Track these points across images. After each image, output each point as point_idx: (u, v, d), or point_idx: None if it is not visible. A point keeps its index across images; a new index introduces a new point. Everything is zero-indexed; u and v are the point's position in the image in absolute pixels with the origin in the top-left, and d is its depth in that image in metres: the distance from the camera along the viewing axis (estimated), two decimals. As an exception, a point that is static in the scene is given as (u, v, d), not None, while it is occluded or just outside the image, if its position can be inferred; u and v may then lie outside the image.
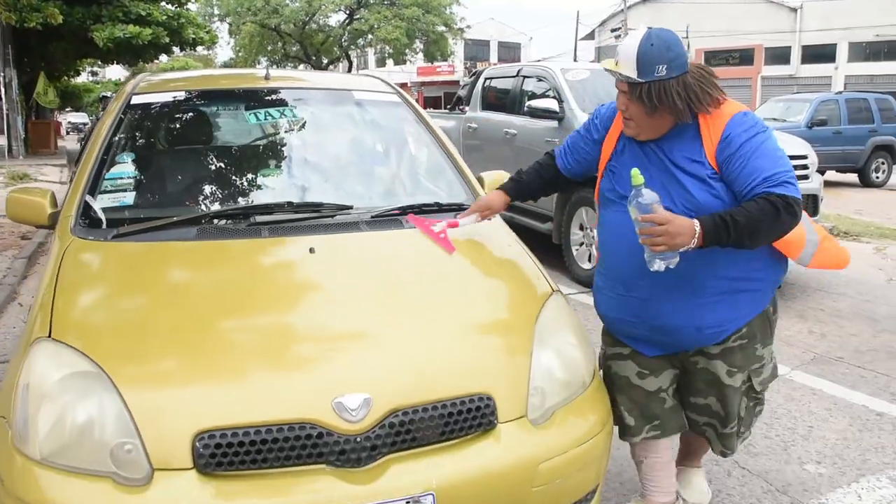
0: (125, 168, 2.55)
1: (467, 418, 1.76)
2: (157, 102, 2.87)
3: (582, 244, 5.87)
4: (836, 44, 28.38)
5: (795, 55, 29.47)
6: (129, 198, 2.46)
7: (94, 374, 1.65)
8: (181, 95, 2.92)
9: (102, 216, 2.34)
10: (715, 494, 2.66)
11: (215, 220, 2.35)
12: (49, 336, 1.76)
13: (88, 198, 2.41)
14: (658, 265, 1.85)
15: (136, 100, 2.81)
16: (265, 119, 2.90)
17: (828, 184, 13.52)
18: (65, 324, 1.81)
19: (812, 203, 5.40)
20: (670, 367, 2.17)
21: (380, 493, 1.61)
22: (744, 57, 30.62)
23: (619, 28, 34.52)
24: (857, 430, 3.25)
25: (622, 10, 34.57)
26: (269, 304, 1.98)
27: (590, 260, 5.76)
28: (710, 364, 2.10)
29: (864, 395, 3.65)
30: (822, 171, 13.62)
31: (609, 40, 36.91)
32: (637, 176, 1.83)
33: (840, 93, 15.01)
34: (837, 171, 14.05)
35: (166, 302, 1.95)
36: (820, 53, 28.59)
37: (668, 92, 1.88)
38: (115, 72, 55.33)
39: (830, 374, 3.91)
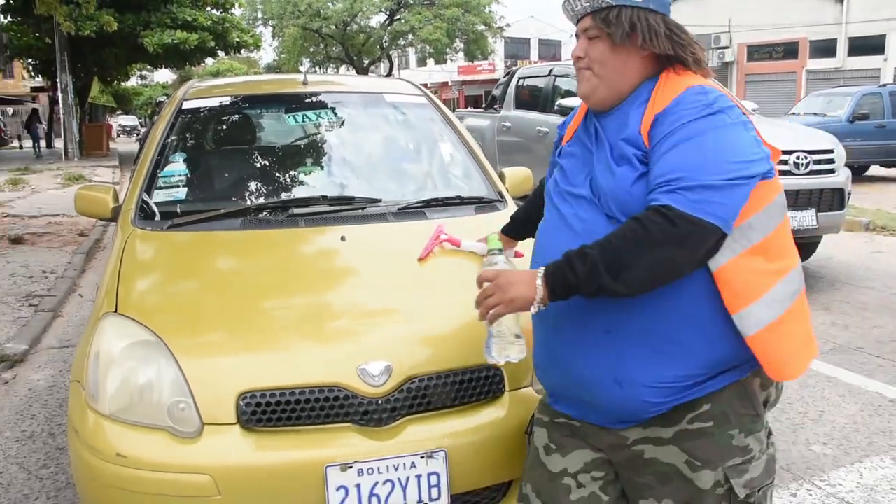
0: (178, 166, 2.84)
1: (477, 386, 1.98)
2: (206, 107, 3.16)
3: (611, 239, 6.02)
4: (884, 34, 27.71)
5: (842, 47, 28.84)
6: (181, 193, 2.75)
7: (153, 343, 1.92)
8: (227, 100, 3.21)
9: (158, 209, 2.62)
10: (719, 468, 2.84)
11: (258, 212, 2.61)
12: (115, 311, 2.04)
13: (145, 195, 2.70)
14: (496, 350, 1.52)
15: (186, 105, 3.10)
16: (303, 121, 3.17)
17: (871, 178, 13.41)
18: (128, 301, 2.08)
19: (839, 198, 5.47)
20: (588, 446, 1.55)
21: (397, 448, 1.83)
22: (788, 51, 30.08)
23: (661, 24, 34.21)
24: (868, 414, 3.37)
25: (663, 5, 34.24)
26: (304, 284, 2.23)
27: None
28: (661, 451, 1.46)
29: (880, 382, 3.76)
30: (865, 167, 13.59)
31: (650, 36, 36.60)
32: (493, 241, 1.55)
33: (884, 85, 14.74)
34: (882, 165, 13.85)
35: (215, 282, 2.23)
36: (867, 45, 27.95)
37: (645, 20, 1.47)
38: (163, 75, 56.74)
39: (848, 363, 4.02)
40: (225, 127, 3.30)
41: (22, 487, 2.78)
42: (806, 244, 6.04)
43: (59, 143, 24.56)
